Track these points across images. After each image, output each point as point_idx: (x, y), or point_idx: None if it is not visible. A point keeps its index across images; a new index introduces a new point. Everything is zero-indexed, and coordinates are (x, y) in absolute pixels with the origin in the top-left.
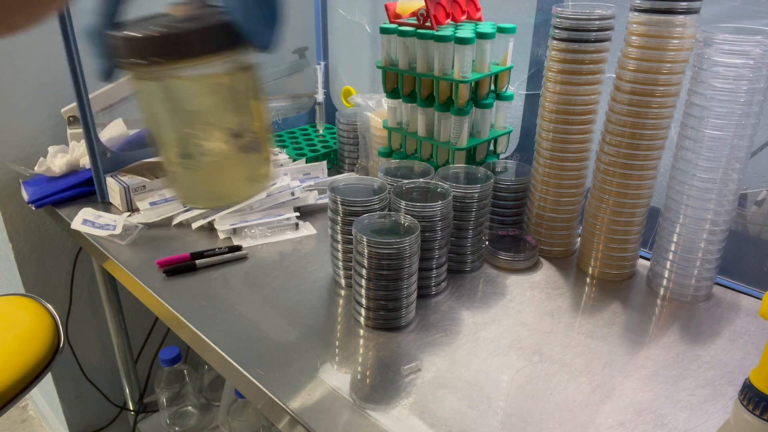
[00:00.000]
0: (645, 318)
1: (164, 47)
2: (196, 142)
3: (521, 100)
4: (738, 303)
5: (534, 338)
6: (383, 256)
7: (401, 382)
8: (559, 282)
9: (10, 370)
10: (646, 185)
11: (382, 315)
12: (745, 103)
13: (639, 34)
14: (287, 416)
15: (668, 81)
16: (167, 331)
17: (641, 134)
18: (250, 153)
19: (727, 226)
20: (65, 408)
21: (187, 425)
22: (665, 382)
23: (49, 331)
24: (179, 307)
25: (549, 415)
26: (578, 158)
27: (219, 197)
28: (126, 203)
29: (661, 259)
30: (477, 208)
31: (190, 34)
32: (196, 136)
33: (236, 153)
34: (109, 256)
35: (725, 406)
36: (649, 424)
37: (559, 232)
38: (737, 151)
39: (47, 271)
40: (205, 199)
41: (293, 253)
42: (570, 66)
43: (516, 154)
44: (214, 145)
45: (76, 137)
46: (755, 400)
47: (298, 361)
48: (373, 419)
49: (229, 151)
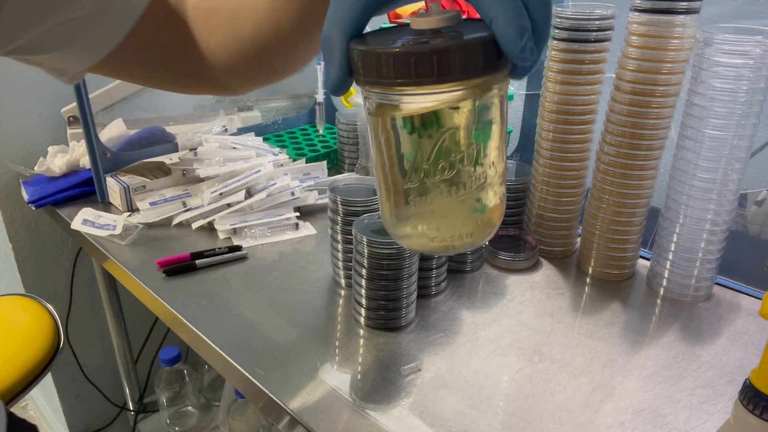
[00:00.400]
0: (645, 318)
1: (436, 66)
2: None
3: (521, 100)
4: (738, 303)
5: (534, 338)
6: (383, 256)
7: (401, 382)
8: (559, 282)
9: (10, 370)
10: (646, 185)
11: (382, 315)
12: (745, 103)
13: (639, 34)
14: (287, 416)
15: (668, 81)
16: (167, 331)
17: (641, 134)
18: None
19: (727, 226)
20: (65, 408)
21: (187, 425)
22: (665, 382)
23: (49, 331)
24: (179, 307)
25: (549, 415)
26: (578, 158)
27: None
28: (126, 203)
29: (661, 259)
30: None
31: (455, 51)
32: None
33: (499, 185)
34: (109, 256)
35: (725, 406)
36: (649, 424)
37: (559, 232)
38: (737, 151)
39: (47, 271)
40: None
41: (293, 253)
42: (570, 66)
43: (516, 154)
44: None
45: (76, 137)
46: (755, 400)
47: (298, 361)
48: (373, 419)
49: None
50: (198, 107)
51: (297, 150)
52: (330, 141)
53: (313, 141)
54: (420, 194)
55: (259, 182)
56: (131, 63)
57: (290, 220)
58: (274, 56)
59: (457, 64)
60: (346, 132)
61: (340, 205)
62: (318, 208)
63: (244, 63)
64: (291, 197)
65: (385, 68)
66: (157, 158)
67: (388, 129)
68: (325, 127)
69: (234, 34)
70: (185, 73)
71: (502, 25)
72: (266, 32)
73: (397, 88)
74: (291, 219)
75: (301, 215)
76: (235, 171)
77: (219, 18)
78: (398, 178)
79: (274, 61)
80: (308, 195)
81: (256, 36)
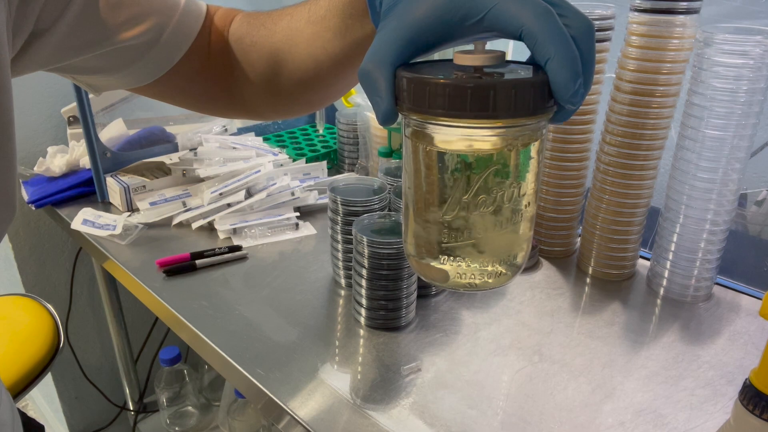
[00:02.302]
0: (645, 318)
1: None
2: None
3: None
4: (738, 303)
5: (534, 338)
6: (383, 256)
7: (401, 382)
8: (559, 282)
9: (10, 370)
10: (646, 185)
11: (382, 315)
12: (745, 103)
13: (639, 34)
14: (287, 416)
15: (668, 81)
16: (167, 331)
17: (641, 134)
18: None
19: (727, 226)
20: (65, 408)
21: (187, 425)
22: (665, 382)
23: (49, 331)
24: (179, 307)
25: (549, 415)
26: (578, 158)
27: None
28: (126, 203)
29: (661, 259)
30: None
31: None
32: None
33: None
34: (109, 256)
35: (725, 406)
36: (649, 424)
37: (559, 232)
38: (737, 151)
39: (47, 271)
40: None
41: (293, 253)
42: None
43: None
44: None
45: (76, 137)
46: (755, 400)
47: (298, 361)
48: (373, 419)
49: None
50: None
51: (297, 150)
52: (330, 141)
53: (313, 141)
54: (454, 228)
55: (259, 182)
56: (171, 89)
57: (290, 220)
58: (310, 91)
59: (511, 102)
60: (346, 132)
61: (340, 205)
62: (318, 208)
63: (282, 96)
64: (291, 197)
65: (438, 98)
66: (157, 158)
67: (431, 159)
68: (325, 127)
69: (273, 69)
70: (223, 101)
71: (558, 68)
72: (305, 69)
73: (448, 119)
74: (291, 219)
75: (301, 215)
76: (235, 171)
77: (260, 53)
78: (434, 208)
79: (310, 95)
80: (308, 195)
81: (295, 72)
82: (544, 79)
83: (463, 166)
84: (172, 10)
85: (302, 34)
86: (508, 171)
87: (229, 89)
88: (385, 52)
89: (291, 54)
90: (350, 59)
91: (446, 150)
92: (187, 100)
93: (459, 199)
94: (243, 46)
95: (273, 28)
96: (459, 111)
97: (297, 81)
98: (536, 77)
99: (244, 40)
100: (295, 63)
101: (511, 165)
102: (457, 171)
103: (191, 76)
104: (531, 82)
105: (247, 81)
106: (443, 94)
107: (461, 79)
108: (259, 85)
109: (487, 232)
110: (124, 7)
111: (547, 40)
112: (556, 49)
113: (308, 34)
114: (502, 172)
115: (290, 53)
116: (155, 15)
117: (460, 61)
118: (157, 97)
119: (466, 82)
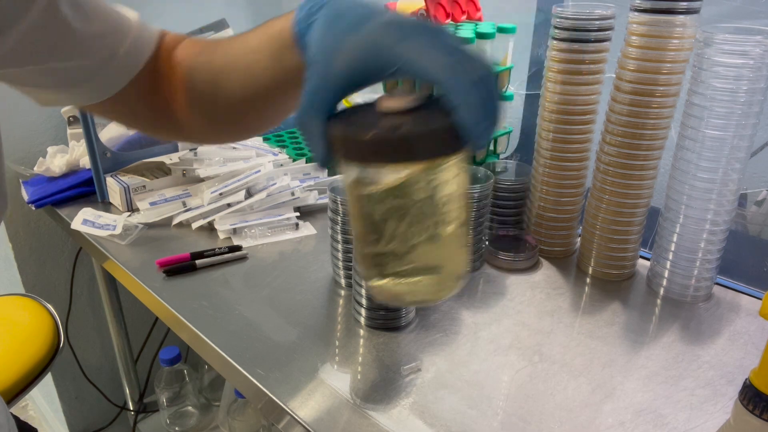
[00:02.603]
0: (645, 318)
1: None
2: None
3: (521, 100)
4: (738, 303)
5: (534, 338)
6: None
7: (401, 382)
8: (559, 282)
9: (10, 370)
10: (646, 185)
11: (382, 315)
12: (745, 103)
13: (639, 34)
14: (287, 416)
15: (668, 81)
16: (167, 331)
17: (641, 134)
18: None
19: (727, 226)
20: (65, 408)
21: (187, 425)
22: (665, 382)
23: (49, 331)
24: (179, 307)
25: (549, 415)
26: (578, 158)
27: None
28: (126, 203)
29: (661, 259)
30: (477, 208)
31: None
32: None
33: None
34: (109, 256)
35: (725, 406)
36: (649, 424)
37: (559, 232)
38: (737, 151)
39: (47, 271)
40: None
41: (293, 253)
42: (570, 66)
43: (516, 154)
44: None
45: (76, 137)
46: (755, 400)
47: (298, 361)
48: (373, 419)
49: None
50: None
51: (297, 150)
52: None
53: None
54: (395, 254)
55: (259, 182)
56: (119, 110)
57: (290, 220)
58: (248, 117)
59: (424, 148)
60: None
61: (340, 205)
62: (318, 208)
63: (221, 121)
64: (291, 197)
65: (362, 150)
66: (157, 158)
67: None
68: None
69: (213, 95)
70: (167, 125)
71: (464, 115)
72: (242, 96)
73: (373, 165)
74: (291, 219)
75: (301, 215)
76: (235, 171)
77: (201, 78)
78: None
79: (249, 121)
80: (308, 195)
81: (232, 99)
82: (453, 124)
83: (392, 200)
84: (126, 33)
85: (239, 62)
86: (433, 202)
87: (173, 113)
88: (315, 106)
89: (229, 81)
90: (284, 86)
91: (375, 191)
92: (134, 122)
93: (393, 228)
94: (186, 71)
95: (212, 55)
96: (383, 158)
97: (235, 107)
98: (446, 123)
99: (187, 64)
100: (232, 89)
101: (435, 197)
102: (386, 204)
103: (138, 98)
104: (443, 128)
105: (189, 105)
106: (368, 146)
107: (383, 131)
108: (200, 109)
109: (424, 254)
110: (80, 27)
111: (452, 92)
112: (461, 99)
113: (244, 63)
114: (428, 204)
115: (228, 80)
116: (110, 36)
117: (383, 106)
118: (104, 117)
119: (387, 133)
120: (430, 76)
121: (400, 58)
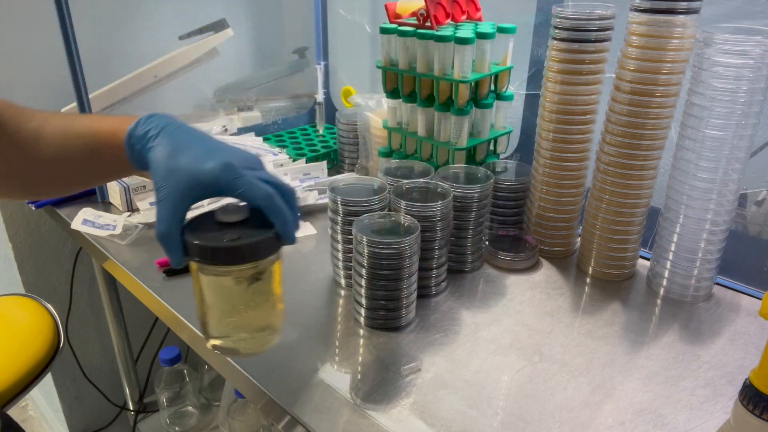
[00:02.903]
0: (645, 318)
1: (234, 255)
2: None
3: (521, 100)
4: (738, 303)
5: (534, 338)
6: (383, 256)
7: (401, 382)
8: (559, 282)
9: (10, 370)
10: (646, 185)
11: (382, 315)
12: (745, 103)
13: (639, 34)
14: (287, 416)
15: (668, 81)
16: (167, 331)
17: (641, 134)
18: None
19: (727, 226)
20: (65, 408)
21: (187, 425)
22: (665, 382)
23: (49, 331)
24: (179, 307)
25: (549, 415)
26: (578, 158)
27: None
28: (126, 203)
29: (661, 259)
30: (477, 208)
31: (251, 246)
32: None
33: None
34: (109, 256)
35: (725, 406)
36: (649, 424)
37: (559, 232)
38: (737, 151)
39: (47, 271)
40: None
41: (293, 253)
42: (570, 66)
43: (516, 154)
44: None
45: None
46: (755, 400)
47: (298, 360)
48: (373, 419)
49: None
50: (198, 107)
51: (297, 150)
52: (330, 141)
53: (313, 141)
54: (233, 322)
55: None
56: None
57: None
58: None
59: (256, 252)
60: (346, 132)
61: (340, 205)
62: (318, 208)
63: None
64: None
65: (212, 255)
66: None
67: (209, 284)
68: (325, 127)
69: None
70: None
71: (281, 229)
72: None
73: (220, 268)
74: None
75: (301, 215)
76: None
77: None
78: (218, 313)
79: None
80: (308, 195)
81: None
82: (274, 234)
83: (230, 286)
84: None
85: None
86: (259, 285)
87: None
88: (174, 224)
89: (36, 150)
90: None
91: (217, 279)
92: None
93: (236, 305)
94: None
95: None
96: (227, 261)
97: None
98: (269, 233)
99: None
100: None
101: (261, 280)
102: (225, 289)
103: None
104: (268, 238)
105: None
106: (216, 253)
107: (227, 243)
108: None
109: (252, 319)
110: None
111: (272, 214)
112: (279, 220)
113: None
114: (255, 287)
115: (35, 149)
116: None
117: (221, 218)
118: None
119: (230, 244)
120: (257, 203)
121: (234, 192)
